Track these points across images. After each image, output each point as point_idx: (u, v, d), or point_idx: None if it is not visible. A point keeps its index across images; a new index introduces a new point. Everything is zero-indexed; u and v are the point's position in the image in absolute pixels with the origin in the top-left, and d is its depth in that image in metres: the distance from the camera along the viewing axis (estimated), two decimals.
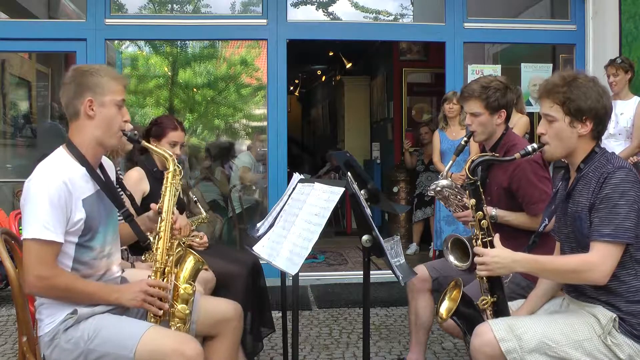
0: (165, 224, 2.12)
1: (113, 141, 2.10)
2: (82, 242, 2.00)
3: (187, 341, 1.95)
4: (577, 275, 1.91)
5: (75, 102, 2.03)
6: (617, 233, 1.85)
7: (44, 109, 6.94)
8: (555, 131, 2.00)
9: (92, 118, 2.03)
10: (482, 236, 2.06)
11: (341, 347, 3.62)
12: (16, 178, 6.07)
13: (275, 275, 3.53)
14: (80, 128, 2.05)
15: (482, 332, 1.94)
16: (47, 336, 1.98)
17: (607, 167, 1.94)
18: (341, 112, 9.99)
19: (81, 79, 2.03)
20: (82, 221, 1.97)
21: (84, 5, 5.06)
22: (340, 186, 2.08)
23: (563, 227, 2.10)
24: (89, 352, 1.93)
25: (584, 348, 1.90)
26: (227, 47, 7.14)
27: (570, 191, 2.04)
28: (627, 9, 4.91)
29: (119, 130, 2.08)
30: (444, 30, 5.29)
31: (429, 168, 6.33)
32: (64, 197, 1.91)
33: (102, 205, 2.08)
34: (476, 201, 2.09)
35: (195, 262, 2.15)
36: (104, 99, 2.03)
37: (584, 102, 1.95)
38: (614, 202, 1.88)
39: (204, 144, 7.33)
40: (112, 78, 2.06)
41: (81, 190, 1.99)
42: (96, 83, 2.02)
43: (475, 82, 2.76)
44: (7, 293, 4.51)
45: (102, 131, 2.04)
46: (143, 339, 1.90)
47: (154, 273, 2.09)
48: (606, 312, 1.94)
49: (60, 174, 1.94)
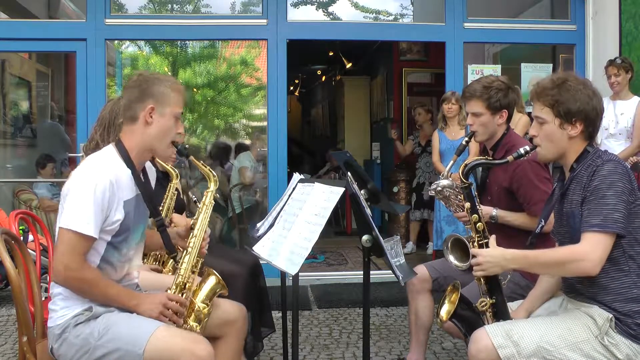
0: (195, 240, 2.16)
1: (164, 151, 2.14)
2: (114, 242, 2.03)
3: (198, 341, 1.96)
4: (568, 266, 1.91)
5: (136, 107, 2.05)
6: (606, 223, 1.86)
7: (44, 109, 6.95)
8: (546, 133, 2.03)
9: (149, 125, 2.06)
10: (478, 238, 2.09)
11: (341, 347, 3.62)
12: (16, 178, 6.07)
13: (275, 275, 3.52)
14: (134, 131, 2.07)
15: (478, 338, 1.94)
16: (57, 329, 1.98)
17: (597, 161, 1.97)
18: (341, 112, 9.99)
19: (147, 85, 2.06)
20: (119, 222, 2.00)
21: (84, 5, 5.06)
22: (340, 186, 2.09)
23: (560, 227, 2.12)
24: (97, 348, 1.93)
25: (582, 350, 1.90)
26: (227, 47, 7.15)
27: (565, 191, 2.06)
28: (627, 9, 4.91)
29: (171, 140, 2.12)
30: (444, 30, 5.30)
31: (427, 150, 6.29)
32: (108, 195, 1.95)
33: (139, 209, 2.11)
34: (471, 204, 2.12)
35: (215, 284, 2.16)
36: (165, 110, 2.06)
37: (573, 104, 1.98)
38: (602, 193, 1.89)
39: (204, 144, 7.34)
40: (176, 90, 2.10)
41: (124, 191, 2.02)
42: (161, 92, 2.06)
43: (477, 82, 2.76)
44: (7, 293, 4.51)
45: (157, 140, 2.08)
46: (153, 337, 1.91)
47: (175, 286, 2.11)
48: (602, 312, 1.94)
49: (109, 172, 1.98)
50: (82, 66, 4.99)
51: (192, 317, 2.08)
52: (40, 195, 5.58)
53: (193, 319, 2.08)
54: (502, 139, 2.73)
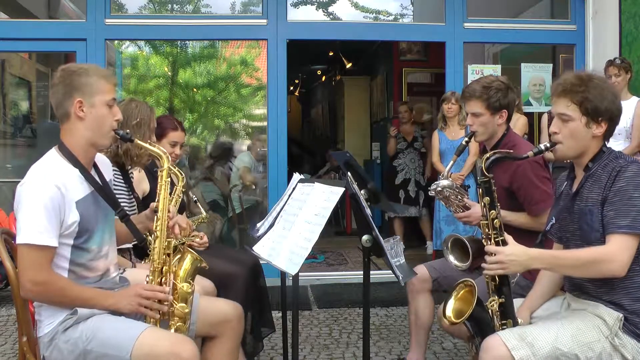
0: (160, 222, 2.09)
1: (105, 141, 2.08)
2: (78, 244, 1.99)
3: (183, 343, 1.94)
4: (596, 266, 1.88)
5: (65, 104, 2.00)
6: (635, 224, 1.85)
7: (44, 109, 6.94)
8: (570, 131, 1.99)
9: (82, 119, 2.00)
10: (495, 235, 2.01)
11: (341, 347, 3.62)
12: (16, 178, 6.06)
13: (275, 275, 3.53)
14: (71, 129, 2.03)
15: (491, 346, 1.88)
16: (46, 337, 1.97)
17: (619, 161, 1.95)
18: (341, 112, 9.99)
19: (70, 80, 2.00)
20: (76, 223, 1.96)
21: (84, 5, 5.06)
22: (340, 186, 2.09)
23: (568, 225, 2.08)
24: (87, 352, 1.93)
25: (594, 350, 1.89)
26: (227, 47, 7.14)
27: (579, 189, 2.03)
28: (627, 9, 4.91)
29: (111, 129, 2.06)
30: (444, 30, 5.30)
31: (413, 145, 6.30)
32: (57, 201, 1.90)
33: (98, 205, 2.07)
34: (490, 199, 2.05)
35: (193, 261, 2.13)
36: (93, 100, 2.00)
37: (600, 102, 1.95)
38: (629, 194, 1.87)
39: (204, 144, 7.33)
40: (101, 77, 2.03)
41: (75, 192, 1.98)
42: (84, 83, 1.99)
43: (476, 82, 2.76)
44: (7, 293, 4.51)
45: (94, 132, 2.02)
46: (139, 341, 1.90)
47: (151, 273, 2.08)
48: (612, 312, 1.93)
49: (53, 178, 1.93)
50: None
51: (178, 299, 2.05)
52: None
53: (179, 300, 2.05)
54: (502, 139, 2.73)
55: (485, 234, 2.04)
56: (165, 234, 2.09)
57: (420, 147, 6.44)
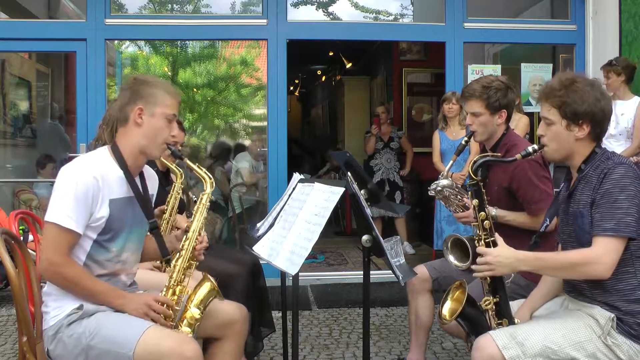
0: (189, 243, 2.16)
1: (156, 152, 2.13)
2: (100, 240, 2.03)
3: (187, 342, 1.95)
4: (580, 269, 1.90)
5: (127, 108, 2.08)
6: (619, 227, 1.86)
7: (44, 109, 6.95)
8: (553, 134, 2.03)
9: (139, 126, 2.07)
10: (485, 236, 2.05)
11: (341, 347, 3.62)
12: (16, 178, 6.07)
13: (275, 275, 3.53)
14: (126, 133, 2.10)
15: (482, 346, 1.91)
16: (51, 330, 1.99)
17: (607, 163, 1.96)
18: (341, 112, 9.99)
19: (137, 87, 2.09)
20: (104, 219, 2.00)
21: (84, 5, 5.06)
22: (340, 186, 2.08)
23: (565, 226, 2.10)
24: (89, 348, 1.94)
25: (586, 349, 1.90)
26: (227, 47, 7.14)
27: (572, 191, 2.04)
28: (627, 9, 4.91)
29: (164, 143, 2.12)
30: (444, 30, 5.29)
31: (390, 145, 6.33)
32: (92, 191, 1.96)
33: (131, 211, 2.10)
34: (479, 202, 2.08)
35: (210, 290, 2.15)
36: (154, 110, 2.08)
37: (579, 106, 1.97)
38: (614, 197, 1.88)
39: (204, 144, 7.33)
40: (167, 92, 2.11)
41: (112, 190, 2.03)
42: (150, 93, 2.08)
43: (476, 82, 2.76)
44: (7, 293, 4.51)
45: (148, 140, 2.09)
46: (142, 339, 1.90)
47: (166, 289, 2.11)
48: (604, 312, 1.94)
49: (95, 169, 1.99)
50: (82, 66, 4.99)
51: (184, 322, 2.07)
52: (40, 195, 5.58)
53: (186, 323, 2.07)
54: (502, 138, 2.74)
55: (477, 235, 2.07)
56: (189, 255, 2.15)
57: (396, 147, 6.46)
